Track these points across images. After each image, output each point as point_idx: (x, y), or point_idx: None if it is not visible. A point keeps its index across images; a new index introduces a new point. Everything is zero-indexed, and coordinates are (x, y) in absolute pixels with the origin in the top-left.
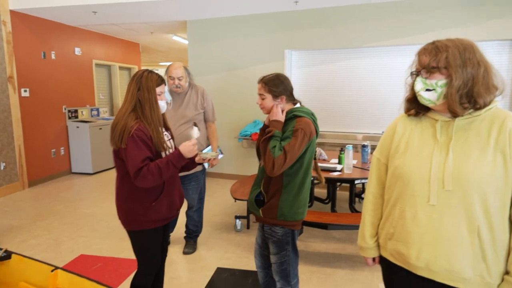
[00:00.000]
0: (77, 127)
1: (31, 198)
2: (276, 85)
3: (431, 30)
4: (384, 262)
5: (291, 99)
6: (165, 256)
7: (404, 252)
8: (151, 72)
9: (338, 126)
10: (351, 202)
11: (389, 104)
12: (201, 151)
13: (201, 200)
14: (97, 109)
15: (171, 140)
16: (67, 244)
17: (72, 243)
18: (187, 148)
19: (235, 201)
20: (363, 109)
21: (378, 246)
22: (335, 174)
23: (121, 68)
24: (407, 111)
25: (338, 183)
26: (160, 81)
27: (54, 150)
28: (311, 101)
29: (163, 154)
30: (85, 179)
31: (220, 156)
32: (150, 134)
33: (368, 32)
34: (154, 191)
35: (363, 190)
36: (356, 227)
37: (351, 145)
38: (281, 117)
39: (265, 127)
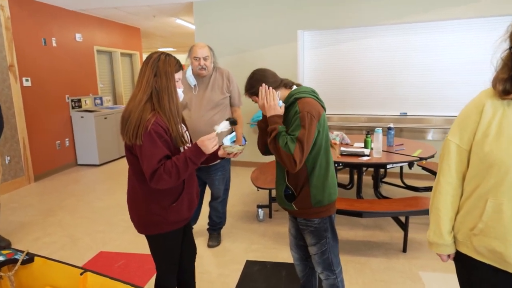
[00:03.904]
0: (82, 117)
1: (38, 192)
2: (251, 86)
3: (454, 4)
4: (462, 259)
5: (281, 84)
6: (195, 253)
7: (500, 250)
8: (168, 55)
9: (357, 109)
10: (377, 187)
11: (408, 85)
12: (225, 137)
13: (226, 190)
14: (101, 98)
15: (187, 132)
16: (84, 241)
17: (89, 240)
18: (206, 142)
19: (258, 190)
20: (382, 91)
21: (454, 241)
22: (365, 158)
23: (122, 54)
24: (506, 94)
25: (365, 168)
26: (179, 66)
27: (58, 142)
28: (326, 83)
29: (181, 150)
30: (92, 170)
31: (244, 143)
32: (169, 128)
33: (383, 8)
34: (175, 190)
35: (385, 175)
36: (390, 214)
37: (380, 128)
38: (278, 110)
39: (264, 119)
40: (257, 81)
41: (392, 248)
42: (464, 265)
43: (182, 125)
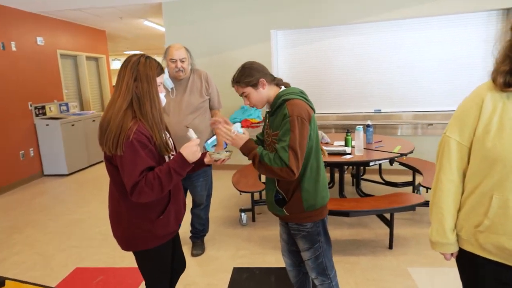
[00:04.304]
0: (47, 124)
1: (1, 208)
2: (249, 74)
3: (420, 3)
4: (466, 257)
5: (273, 80)
6: (184, 268)
7: (509, 246)
8: (148, 57)
9: (331, 107)
10: (358, 185)
11: (381, 82)
12: (206, 141)
13: (208, 196)
14: (66, 104)
15: (170, 139)
16: (58, 258)
17: (63, 256)
18: (190, 150)
19: (240, 194)
20: (355, 88)
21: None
22: (347, 157)
23: (88, 58)
24: (507, 86)
25: (346, 166)
26: (160, 69)
27: (22, 151)
28: (301, 83)
29: (167, 158)
30: (61, 181)
31: (225, 147)
32: (152, 136)
33: (355, 7)
34: (161, 201)
35: (364, 172)
36: (376, 212)
37: (361, 126)
38: (243, 137)
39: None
40: (257, 70)
41: (378, 246)
42: (469, 263)
43: (166, 132)
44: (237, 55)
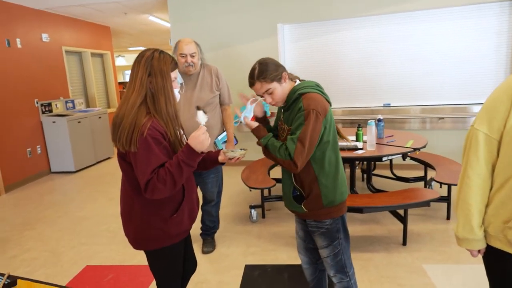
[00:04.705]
0: (53, 122)
1: (11, 205)
2: (272, 69)
3: None
4: (494, 254)
5: (289, 74)
6: (195, 268)
7: None
8: (162, 52)
9: (340, 102)
10: (369, 180)
11: (389, 75)
12: (216, 138)
13: (219, 193)
14: (72, 101)
15: (184, 136)
16: (68, 255)
17: (73, 254)
18: (196, 140)
19: (250, 190)
20: (364, 82)
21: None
22: (360, 152)
23: (93, 54)
24: None
25: (358, 162)
26: (174, 64)
27: (29, 149)
28: (308, 77)
29: None
30: (68, 178)
31: (235, 143)
32: (167, 133)
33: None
34: (174, 199)
35: (374, 167)
36: (390, 208)
37: (372, 120)
38: (252, 125)
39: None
40: (277, 65)
41: (391, 242)
42: (497, 260)
43: (180, 128)
44: (243, 50)
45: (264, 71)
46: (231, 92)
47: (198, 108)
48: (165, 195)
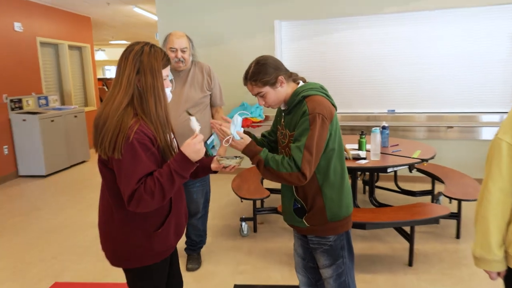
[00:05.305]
0: (24, 120)
1: None
2: (266, 72)
3: None
4: None
5: (289, 76)
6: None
7: None
8: (153, 46)
9: (341, 107)
10: (372, 193)
11: (398, 80)
12: (205, 142)
13: (206, 204)
14: (46, 97)
15: (174, 140)
16: (35, 269)
17: (41, 268)
18: (192, 148)
19: (242, 201)
20: (367, 87)
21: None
22: (363, 162)
23: (70, 47)
24: None
25: (360, 173)
26: (166, 60)
27: None
28: (308, 80)
29: None
30: (38, 183)
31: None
32: (156, 137)
33: None
34: (160, 211)
35: (377, 179)
36: (395, 224)
37: (377, 128)
38: (245, 141)
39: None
40: (274, 67)
41: (396, 262)
42: None
43: (171, 132)
44: (237, 48)
45: (257, 74)
46: (223, 93)
47: (189, 114)
48: (152, 208)
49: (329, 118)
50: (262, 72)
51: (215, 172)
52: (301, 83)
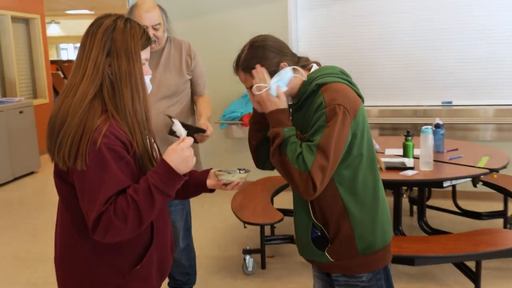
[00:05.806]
0: None
1: None
2: (263, 57)
3: None
4: None
5: (297, 61)
6: None
7: None
8: (128, 20)
9: (377, 98)
10: (422, 216)
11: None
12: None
13: (188, 230)
14: None
15: (155, 145)
16: None
17: None
18: (178, 155)
19: (245, 227)
20: (413, 72)
21: None
22: (409, 173)
23: (14, 19)
24: None
25: (405, 188)
26: (146, 38)
27: None
28: (330, 62)
29: None
30: None
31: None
32: (131, 142)
33: None
34: (138, 241)
35: (429, 195)
36: (455, 259)
37: (429, 127)
38: (279, 102)
39: (258, 118)
40: (273, 50)
41: None
42: None
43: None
44: (232, 20)
45: (251, 59)
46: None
47: (170, 117)
48: (125, 237)
49: (352, 112)
50: (258, 56)
51: (212, 190)
52: (315, 67)
